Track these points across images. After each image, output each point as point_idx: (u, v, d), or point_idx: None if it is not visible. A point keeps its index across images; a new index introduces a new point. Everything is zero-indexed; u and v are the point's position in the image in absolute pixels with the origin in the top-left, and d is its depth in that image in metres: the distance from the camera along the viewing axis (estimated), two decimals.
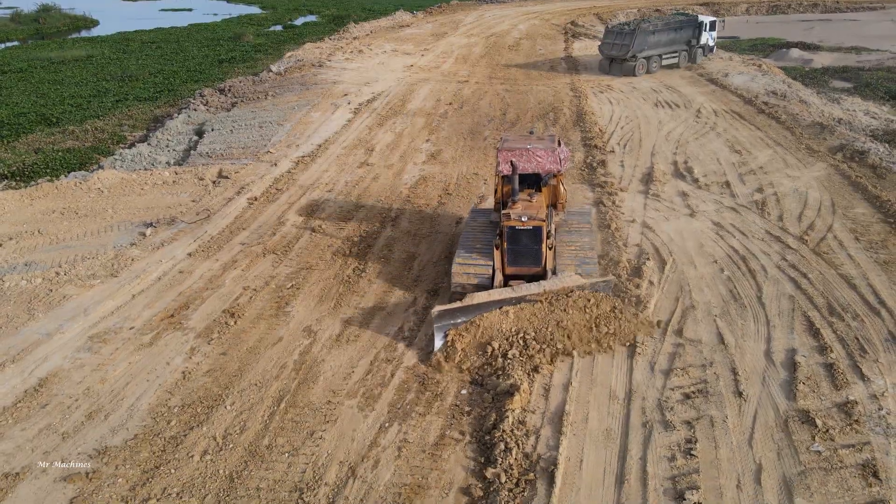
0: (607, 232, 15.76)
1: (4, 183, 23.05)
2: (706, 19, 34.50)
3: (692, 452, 9.13)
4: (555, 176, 13.74)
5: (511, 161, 12.87)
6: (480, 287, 12.07)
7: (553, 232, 12.91)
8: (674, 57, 33.69)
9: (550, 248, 12.39)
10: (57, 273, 14.55)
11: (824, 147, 21.24)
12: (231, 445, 9.63)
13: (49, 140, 29.32)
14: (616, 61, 32.51)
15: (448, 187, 19.01)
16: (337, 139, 23.72)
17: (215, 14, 73.47)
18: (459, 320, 11.26)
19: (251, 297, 13.52)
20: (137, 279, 14.30)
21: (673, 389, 10.36)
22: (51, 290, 13.89)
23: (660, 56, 32.97)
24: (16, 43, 60.30)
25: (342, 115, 26.74)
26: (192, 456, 9.46)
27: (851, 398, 10.04)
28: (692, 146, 21.75)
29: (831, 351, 11.13)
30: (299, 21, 67.45)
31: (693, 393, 10.29)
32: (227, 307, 13.14)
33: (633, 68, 32.05)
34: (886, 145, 21.83)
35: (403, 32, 48.87)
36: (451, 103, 28.05)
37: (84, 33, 65.21)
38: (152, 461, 9.40)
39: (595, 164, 20.19)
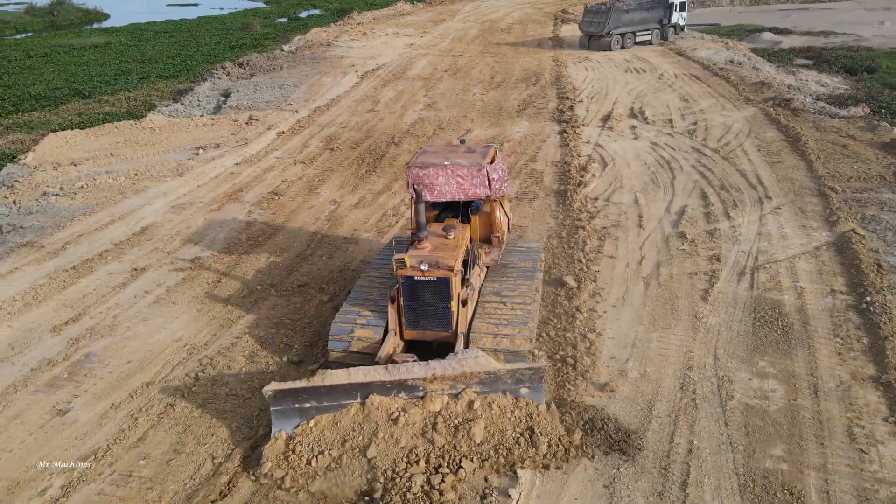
0: (566, 150, 20.86)
1: None
2: (677, 0, 39.77)
3: (601, 251, 14.15)
4: (493, 200, 11.09)
5: (413, 186, 10.08)
6: (365, 357, 9.80)
7: (474, 280, 10.49)
8: (646, 34, 38.97)
9: (465, 304, 9.88)
10: (135, 174, 19.69)
11: (760, 97, 26.38)
12: (285, 254, 14.70)
13: (86, 108, 34.36)
14: (594, 38, 37.82)
15: (441, 125, 24.16)
16: (347, 95, 28.96)
17: (221, 8, 79.16)
18: (307, 405, 8.71)
19: (289, 186, 18.65)
20: (199, 177, 19.44)
21: (595, 225, 15.40)
22: (134, 184, 19.03)
23: (633, 33, 38.27)
24: (30, 34, 65.60)
25: (350, 79, 31.99)
26: (258, 259, 14.52)
27: (717, 227, 15.09)
28: (649, 97, 26.91)
29: (712, 205, 16.21)
30: (304, 14, 73.07)
31: (609, 226, 15.35)
32: (271, 190, 18.28)
33: (609, 44, 37.32)
34: (811, 98, 26.97)
35: (404, 19, 54.48)
36: (446, 71, 33.34)
37: (96, 25, 70.81)
38: (233, 261, 14.47)
39: (564, 109, 25.35)
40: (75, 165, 21.22)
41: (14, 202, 18.35)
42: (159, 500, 8.32)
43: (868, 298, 11.93)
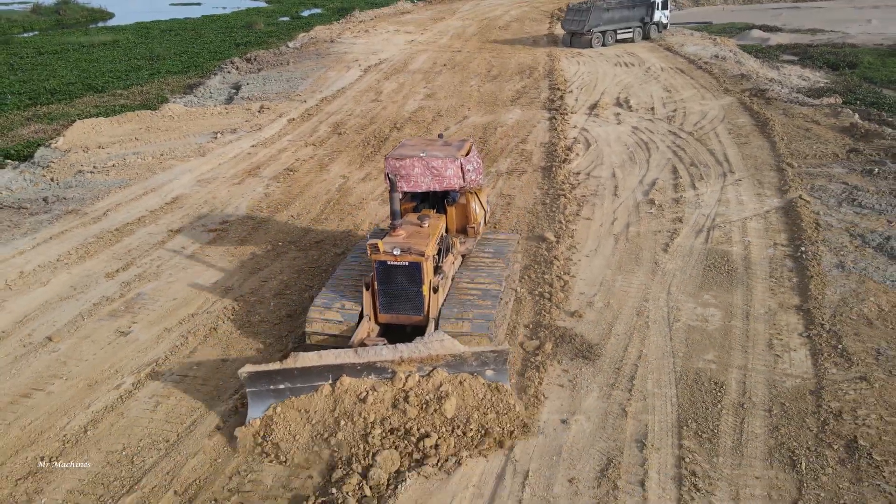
0: (554, 133, 23.18)
1: None
2: None
3: (579, 214, 16.46)
4: (469, 192, 12.02)
5: (388, 175, 10.78)
6: (341, 339, 10.44)
7: (447, 268, 11.21)
8: (628, 32, 41.10)
9: (436, 291, 10.52)
10: (161, 154, 22.03)
11: (738, 88, 28.70)
12: (301, 218, 17.02)
13: (101, 101, 36.58)
14: (575, 35, 40.02)
15: (440, 112, 26.51)
16: (352, 87, 31.34)
17: (224, 7, 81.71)
18: (282, 386, 9.45)
19: (302, 163, 20.99)
20: (219, 157, 21.79)
21: (575, 194, 17.71)
22: (161, 163, 21.37)
23: (614, 31, 40.40)
24: (36, 32, 67.96)
25: (354, 73, 34.38)
26: (278, 222, 16.83)
27: (682, 196, 17.40)
28: (635, 88, 29.25)
29: (681, 178, 18.53)
30: (306, 13, 75.58)
31: (588, 194, 17.66)
32: (286, 167, 20.62)
33: (590, 41, 39.48)
34: (788, 88, 29.30)
35: (405, 17, 57.00)
36: (445, 65, 35.74)
37: (101, 24, 73.28)
38: (257, 224, 16.78)
39: (555, 99, 27.70)
40: (103, 148, 23.55)
41: (52, 179, 20.68)
42: (212, 391, 10.61)
43: (803, 248, 14.23)
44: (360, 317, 10.66)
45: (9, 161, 23.39)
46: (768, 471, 8.73)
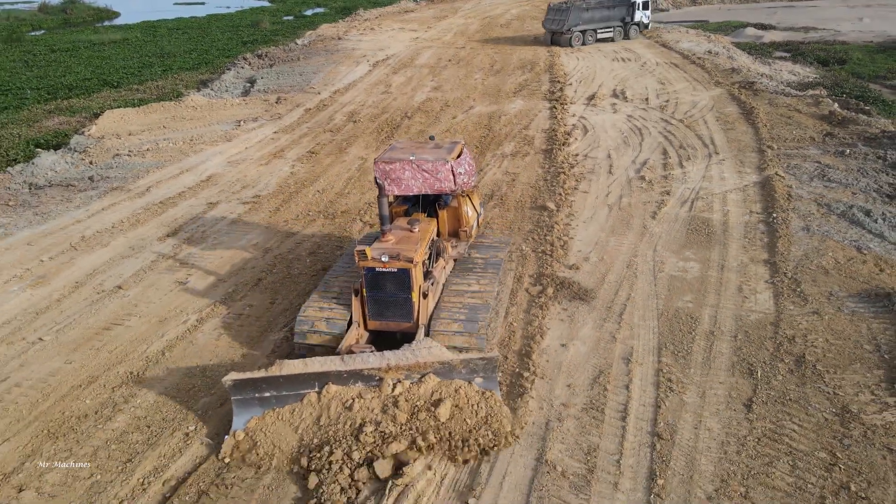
0: (554, 121, 25.35)
1: None
2: None
3: (577, 188, 18.62)
4: (461, 195, 12.15)
5: (377, 180, 11.00)
6: (328, 346, 10.52)
7: (438, 273, 11.31)
8: (608, 31, 42.76)
9: (425, 296, 10.57)
10: (191, 140, 24.18)
11: (728, 81, 30.90)
12: (326, 192, 19.15)
13: (119, 95, 38.64)
14: (556, 34, 41.96)
15: (447, 103, 28.69)
16: (362, 80, 33.53)
17: (228, 7, 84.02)
18: (267, 394, 9.45)
19: (322, 147, 23.15)
20: (245, 142, 23.94)
21: (574, 172, 19.88)
22: (192, 147, 23.51)
23: (594, 31, 42.04)
24: (43, 31, 70.10)
25: (363, 68, 36.57)
26: (306, 195, 18.98)
27: (671, 173, 19.56)
28: (630, 81, 31.45)
29: (670, 158, 20.69)
30: (309, 12, 77.86)
31: (585, 172, 19.83)
32: (308, 150, 22.77)
33: (569, 40, 41.29)
34: (777, 82, 31.50)
35: (408, 16, 59.27)
36: (450, 60, 37.94)
37: (107, 23, 75.48)
38: (286, 198, 18.91)
39: (555, 91, 29.88)
40: (134, 135, 25.70)
41: (91, 162, 22.82)
42: (266, 324, 12.72)
43: (774, 215, 16.38)
44: (350, 324, 10.70)
45: (39, 149, 25.44)
46: (730, 378, 10.86)
